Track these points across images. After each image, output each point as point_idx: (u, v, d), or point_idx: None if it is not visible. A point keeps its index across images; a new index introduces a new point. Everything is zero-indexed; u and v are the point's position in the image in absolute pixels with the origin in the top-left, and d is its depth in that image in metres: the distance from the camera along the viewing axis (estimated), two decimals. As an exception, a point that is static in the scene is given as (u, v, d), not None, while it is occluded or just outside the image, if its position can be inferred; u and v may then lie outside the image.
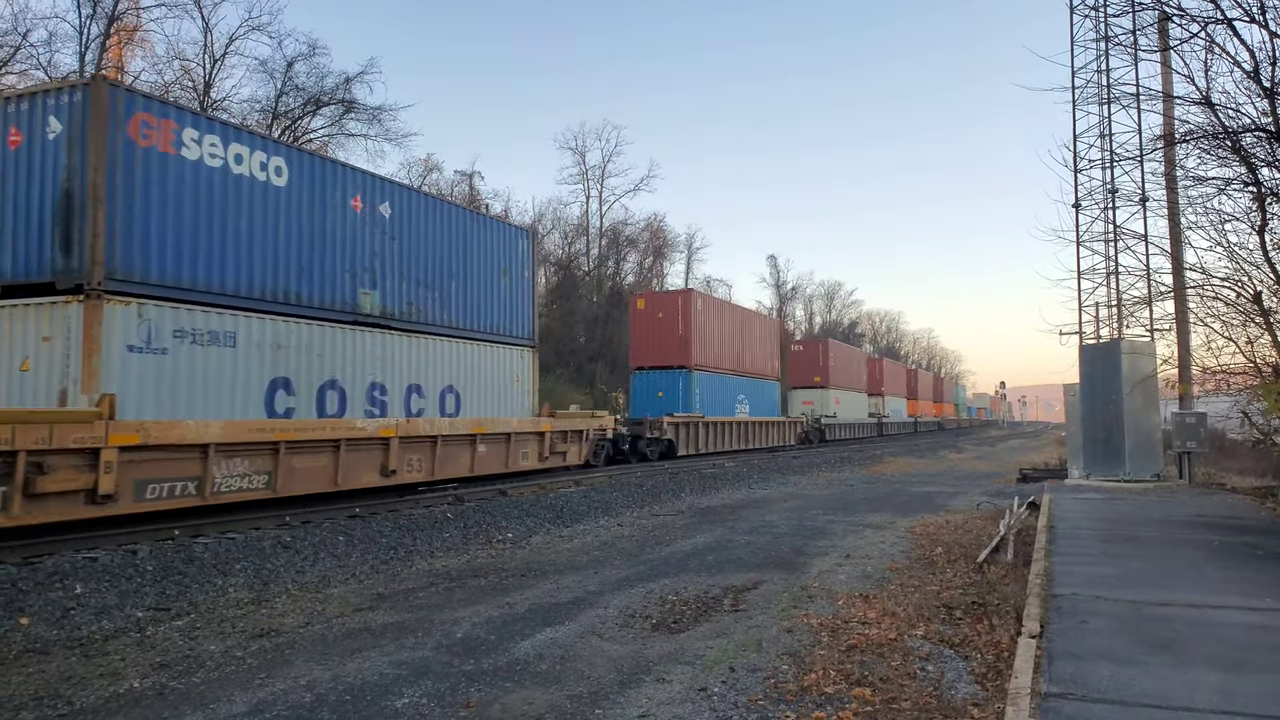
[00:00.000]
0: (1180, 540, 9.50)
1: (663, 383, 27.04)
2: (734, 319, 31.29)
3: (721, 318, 29.89)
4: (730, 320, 30.83)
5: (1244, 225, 13.24)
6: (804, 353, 44.84)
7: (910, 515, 14.05)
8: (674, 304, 27.57)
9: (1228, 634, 5.60)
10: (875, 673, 5.41)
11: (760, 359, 33.06)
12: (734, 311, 32.31)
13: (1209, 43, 10.80)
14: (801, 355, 44.60)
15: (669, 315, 27.48)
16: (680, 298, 27.81)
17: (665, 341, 27.25)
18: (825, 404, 42.44)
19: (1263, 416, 16.11)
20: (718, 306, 30.47)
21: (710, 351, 28.43)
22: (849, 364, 47.82)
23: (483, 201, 51.36)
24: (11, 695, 5.32)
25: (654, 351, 27.35)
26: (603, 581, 8.64)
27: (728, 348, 29.98)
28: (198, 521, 10.66)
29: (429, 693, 5.20)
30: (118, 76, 32.12)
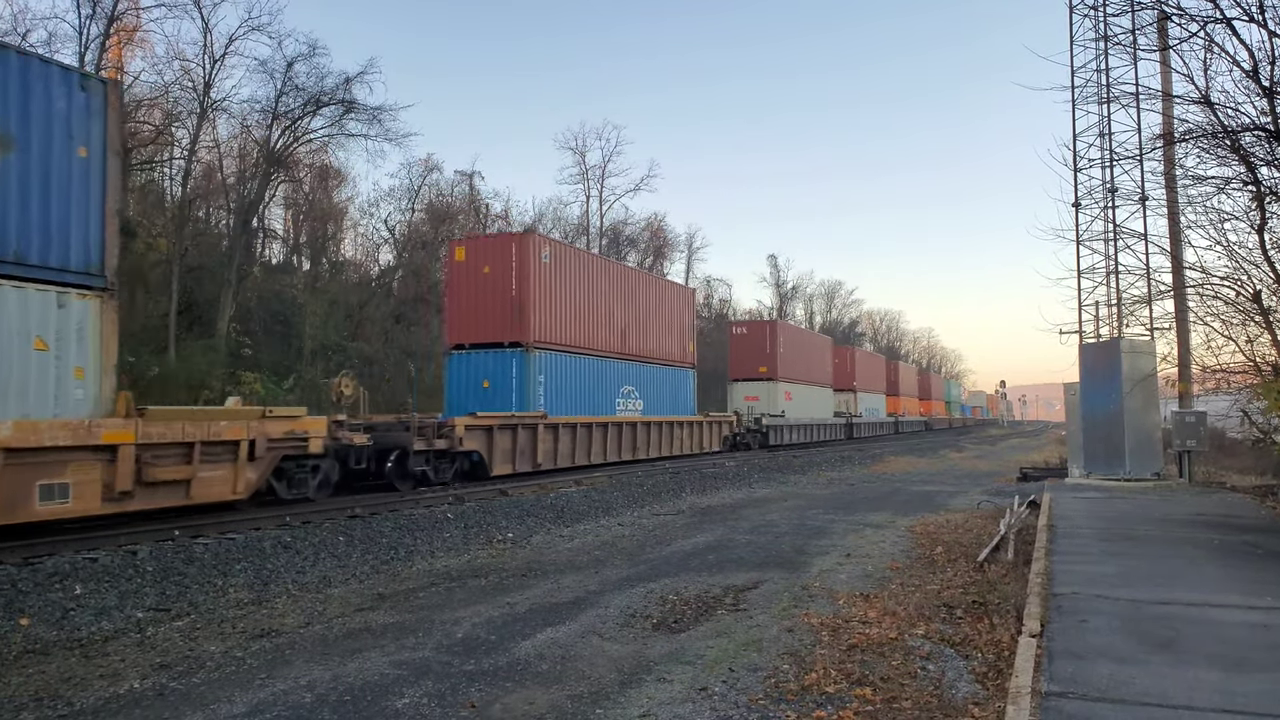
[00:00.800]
0: (1180, 539, 9.50)
1: (489, 367, 18.79)
2: (615, 281, 22.98)
3: (589, 277, 21.60)
4: (607, 282, 22.47)
5: (1243, 224, 13.26)
6: (747, 337, 36.61)
7: (911, 514, 14.05)
8: (506, 252, 18.91)
9: (1228, 633, 5.60)
10: (876, 672, 5.41)
11: (663, 339, 25.47)
12: (614, 272, 23.60)
13: (1208, 42, 10.81)
14: (745, 341, 36.56)
15: (499, 270, 18.71)
16: (515, 243, 19.19)
17: (492, 307, 18.88)
18: (772, 400, 34.91)
19: (1262, 415, 16.14)
20: (582, 261, 21.99)
21: (565, 323, 20.32)
22: (806, 353, 40.13)
23: (483, 201, 51.42)
24: (12, 696, 5.31)
25: (477, 323, 19.20)
26: (603, 581, 8.63)
27: (602, 320, 22.04)
28: (198, 522, 10.66)
29: (429, 693, 5.20)
30: (117, 77, 32.11)
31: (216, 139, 36.95)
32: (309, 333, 35.46)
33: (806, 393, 39.18)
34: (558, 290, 20.18)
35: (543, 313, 19.39)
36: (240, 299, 34.08)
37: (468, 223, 48.82)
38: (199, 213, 38.03)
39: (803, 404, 38.28)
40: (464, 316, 19.59)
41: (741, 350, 36.49)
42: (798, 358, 38.32)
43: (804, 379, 38.93)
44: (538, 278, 19.20)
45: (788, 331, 39.27)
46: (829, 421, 42.41)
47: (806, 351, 40.30)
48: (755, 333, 37.16)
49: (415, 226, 47.23)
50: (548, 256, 19.69)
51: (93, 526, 9.81)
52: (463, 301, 19.67)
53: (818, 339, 46.55)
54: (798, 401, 37.52)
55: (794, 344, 38.50)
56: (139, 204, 34.11)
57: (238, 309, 33.33)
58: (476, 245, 20.45)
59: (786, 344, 37.11)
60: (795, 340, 39.37)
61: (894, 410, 59.25)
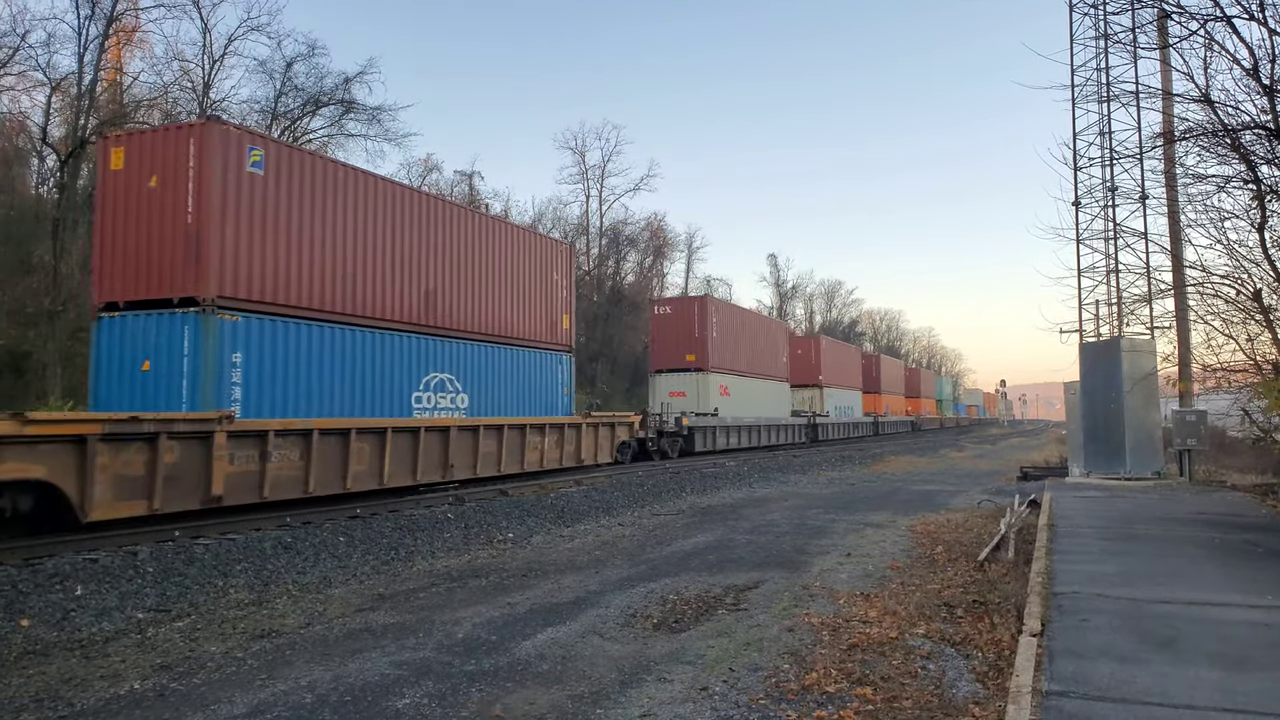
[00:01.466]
0: (1181, 538, 9.50)
1: (150, 339, 12.03)
2: (417, 219, 15.49)
3: (358, 206, 14.22)
4: (401, 217, 15.09)
5: (1243, 223, 13.26)
6: (671, 319, 29.37)
7: (911, 514, 14.05)
8: (181, 155, 11.90)
9: (1228, 631, 5.60)
10: (876, 671, 5.41)
11: (514, 308, 18.07)
12: (415, 206, 15.62)
13: (1208, 40, 10.81)
14: (669, 323, 29.37)
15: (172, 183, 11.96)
16: (194, 138, 11.86)
17: (157, 243, 12.10)
18: (702, 395, 28.40)
19: (1263, 414, 16.13)
20: (342, 181, 14.06)
21: (297, 272, 13.06)
22: (751, 339, 33.13)
23: (483, 201, 51.39)
24: (12, 697, 5.32)
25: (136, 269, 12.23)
26: (604, 581, 8.63)
27: (387, 272, 14.73)
28: (198, 523, 10.66)
29: (430, 693, 5.20)
30: (116, 78, 32.15)
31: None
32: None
33: (750, 387, 32.44)
34: (283, 220, 12.83)
35: (244, 252, 12.16)
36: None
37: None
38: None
39: (745, 400, 31.52)
40: (119, 258, 12.33)
41: (665, 335, 29.35)
42: (738, 344, 31.33)
43: (747, 370, 32.26)
44: (236, 196, 12.09)
45: (723, 311, 31.04)
46: (783, 422, 35.86)
47: (751, 337, 33.10)
48: (681, 313, 29.48)
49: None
50: (260, 163, 12.45)
51: (92, 526, 9.80)
52: (118, 235, 12.39)
53: (768, 323, 37.94)
54: (738, 398, 30.83)
55: (732, 327, 31.23)
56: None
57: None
58: (139, 144, 12.43)
59: (722, 326, 30.06)
60: (734, 322, 31.72)
61: (873, 409, 53.30)
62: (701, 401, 28.54)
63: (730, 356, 30.81)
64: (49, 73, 28.71)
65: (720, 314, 30.74)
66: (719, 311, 30.74)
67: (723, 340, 30.25)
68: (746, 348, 32.51)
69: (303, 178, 13.37)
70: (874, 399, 54.15)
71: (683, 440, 26.52)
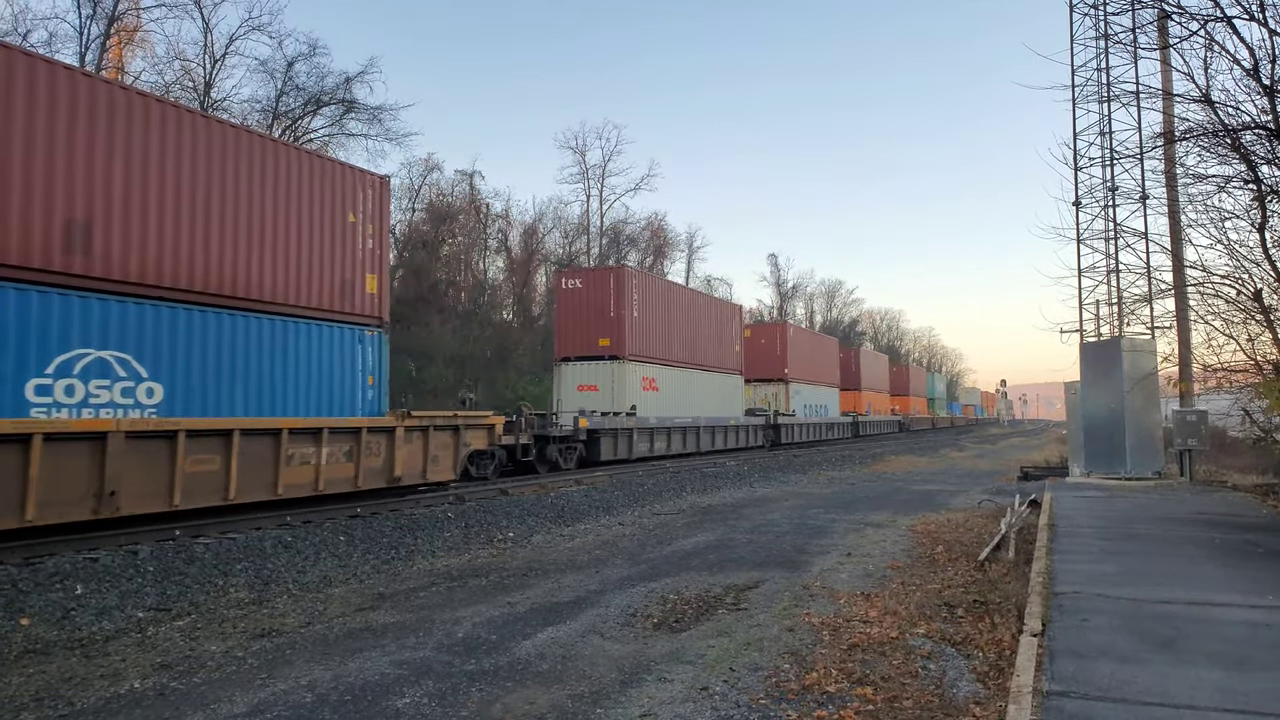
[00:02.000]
0: (1181, 538, 9.50)
1: None
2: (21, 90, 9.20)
3: None
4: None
5: (1244, 223, 13.25)
6: (581, 295, 24.03)
7: (911, 513, 14.04)
8: None
9: (1229, 632, 5.59)
10: (877, 671, 5.40)
11: (263, 260, 12.33)
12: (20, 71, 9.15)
13: (1208, 40, 10.80)
14: (579, 301, 24.03)
15: None
16: None
17: None
18: (618, 390, 23.11)
19: (1263, 414, 16.12)
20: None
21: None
22: (688, 322, 27.12)
23: (483, 200, 51.41)
24: (12, 696, 5.32)
25: None
26: (604, 581, 8.63)
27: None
28: (199, 522, 10.66)
29: (430, 693, 5.20)
30: (118, 77, 32.15)
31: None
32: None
33: (688, 381, 26.82)
34: None
35: None
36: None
37: (468, 222, 48.88)
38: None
39: (678, 397, 26.00)
40: None
41: (574, 315, 24.05)
42: (670, 328, 25.91)
43: (683, 360, 26.62)
44: None
45: (650, 287, 25.24)
46: (733, 423, 29.77)
47: (689, 320, 27.33)
48: (593, 287, 23.88)
49: (415, 226, 47.30)
50: None
51: (93, 526, 9.80)
52: None
53: (714, 305, 30.73)
54: (670, 393, 25.42)
55: (661, 307, 25.35)
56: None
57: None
58: None
59: (647, 305, 24.47)
60: (663, 301, 25.63)
61: (852, 408, 48.34)
62: (617, 397, 22.91)
63: (659, 342, 25.10)
64: (49, 72, 28.66)
65: (645, 289, 24.64)
66: (644, 287, 24.66)
67: (648, 322, 24.45)
68: (682, 333, 26.66)
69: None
70: (853, 396, 49.29)
71: (582, 447, 20.71)
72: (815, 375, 40.98)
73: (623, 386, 23.20)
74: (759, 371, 36.12)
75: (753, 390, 35.59)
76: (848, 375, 48.83)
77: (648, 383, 24.56)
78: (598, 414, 21.69)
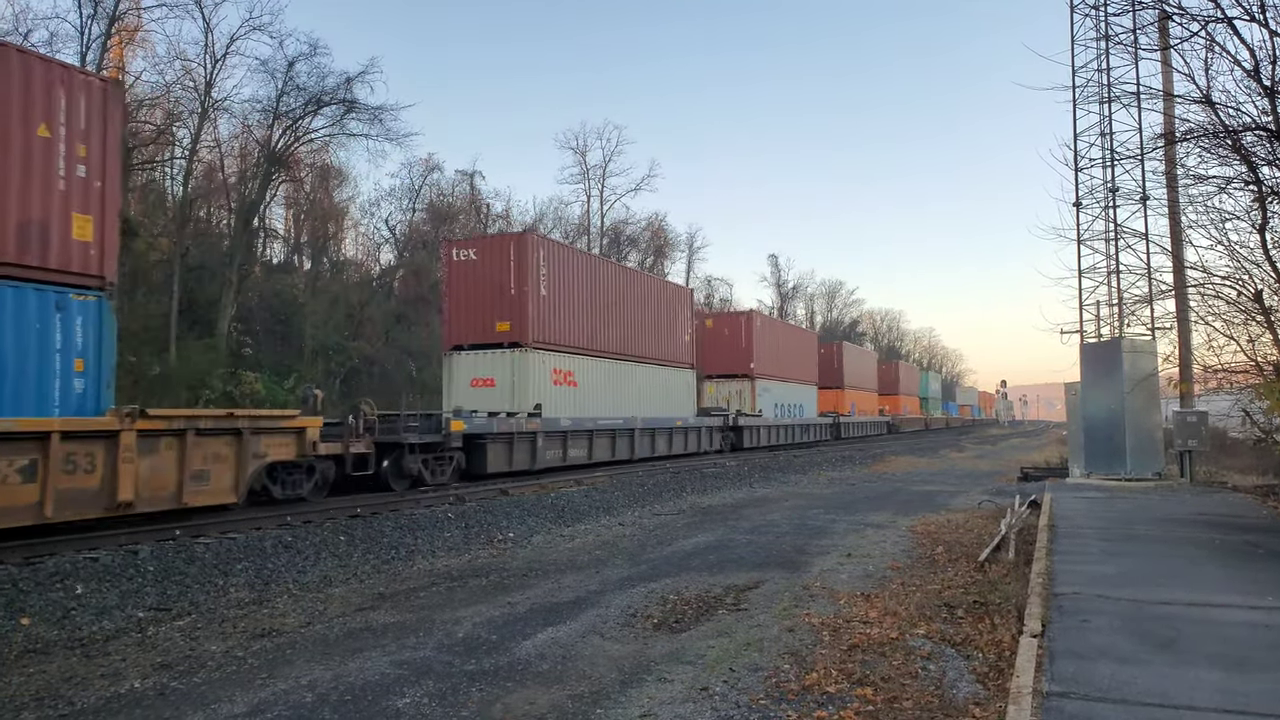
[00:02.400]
0: (1181, 539, 9.50)
1: None
2: None
3: None
4: None
5: (1244, 224, 13.26)
6: (477, 269, 19.52)
7: (911, 514, 14.04)
8: None
9: (1229, 632, 5.60)
10: (877, 672, 5.41)
11: None
12: None
13: (1209, 41, 10.81)
14: (473, 276, 19.55)
15: None
16: None
17: None
18: (522, 387, 18.69)
19: (1264, 415, 16.13)
20: None
21: None
22: (621, 306, 22.90)
23: (483, 201, 51.42)
24: (13, 696, 5.32)
25: None
26: (604, 581, 8.63)
27: None
28: (199, 522, 10.67)
29: (430, 693, 5.20)
30: (119, 76, 32.14)
31: (218, 139, 37.01)
32: (310, 332, 35.44)
33: (620, 375, 22.65)
34: None
35: None
36: (241, 299, 34.11)
37: (469, 222, 48.90)
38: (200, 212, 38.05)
39: (604, 394, 21.71)
40: None
41: (466, 292, 19.48)
42: (593, 311, 21.53)
43: (611, 350, 22.32)
44: None
45: (564, 259, 20.46)
46: (681, 424, 25.50)
47: (621, 303, 22.89)
48: (491, 257, 19.28)
49: (416, 226, 47.31)
50: None
51: (93, 526, 9.80)
52: None
53: (654, 286, 26.16)
54: (592, 389, 21.09)
55: (577, 283, 20.77)
56: (140, 204, 34.17)
57: (239, 308, 33.36)
58: None
59: (559, 281, 19.90)
60: (582, 277, 21.11)
61: (833, 408, 44.10)
62: (519, 394, 18.56)
63: (578, 328, 20.81)
64: (50, 72, 28.66)
65: (558, 262, 19.99)
66: (556, 259, 19.94)
67: (561, 302, 20.03)
68: (612, 318, 22.41)
69: None
70: (835, 395, 45.27)
71: (461, 455, 16.17)
72: (788, 371, 36.75)
73: (525, 381, 18.70)
74: (721, 366, 32.40)
75: (715, 388, 32.32)
76: (829, 372, 44.96)
77: (561, 376, 19.96)
78: (483, 415, 17.07)
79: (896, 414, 58.32)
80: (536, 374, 19.15)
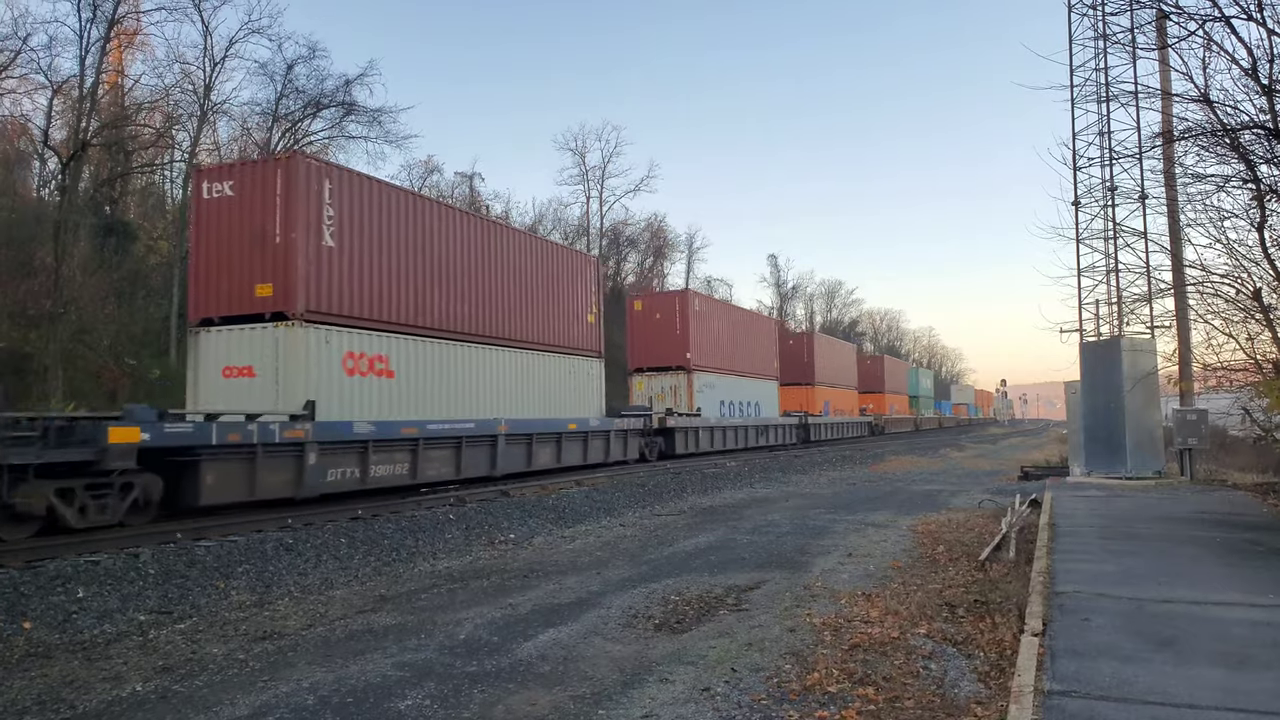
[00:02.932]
0: (1182, 537, 9.50)
1: None
2: None
3: None
4: None
5: (1243, 222, 13.26)
6: (230, 209, 13.58)
7: (912, 514, 14.05)
8: None
9: (1230, 631, 5.60)
10: (878, 671, 5.41)
11: None
12: None
13: (1207, 40, 10.81)
14: (223, 220, 13.68)
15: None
16: None
17: None
18: (290, 377, 13.05)
19: (1263, 413, 16.13)
20: None
21: None
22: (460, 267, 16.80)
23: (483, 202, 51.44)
24: (14, 699, 5.32)
25: None
26: (605, 582, 8.64)
27: None
28: (200, 524, 10.67)
29: (432, 694, 5.20)
30: (118, 80, 32.22)
31: (217, 141, 37.08)
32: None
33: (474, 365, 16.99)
34: None
35: None
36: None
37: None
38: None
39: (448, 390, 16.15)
40: None
41: (219, 247, 13.88)
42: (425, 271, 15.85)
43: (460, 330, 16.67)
44: None
45: (363, 194, 14.57)
46: (576, 427, 19.84)
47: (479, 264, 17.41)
48: (250, 195, 13.59)
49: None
50: None
51: (94, 528, 9.82)
52: None
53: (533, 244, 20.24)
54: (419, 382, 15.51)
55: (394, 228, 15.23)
56: (139, 206, 34.19)
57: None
58: None
59: (357, 225, 14.37)
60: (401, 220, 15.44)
61: (802, 406, 39.42)
62: (285, 389, 13.06)
63: (394, 297, 14.94)
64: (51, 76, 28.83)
65: (355, 199, 14.27)
66: (353, 195, 14.26)
67: (360, 258, 14.32)
68: (455, 285, 16.50)
69: None
70: (803, 393, 40.42)
71: (155, 482, 10.68)
72: (739, 364, 31.96)
73: (294, 369, 13.04)
74: (653, 357, 27.74)
75: (646, 383, 27.79)
76: (797, 366, 40.26)
77: (363, 363, 14.17)
78: (239, 417, 11.71)
79: (882, 414, 53.88)
80: (314, 359, 13.27)
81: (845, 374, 48.26)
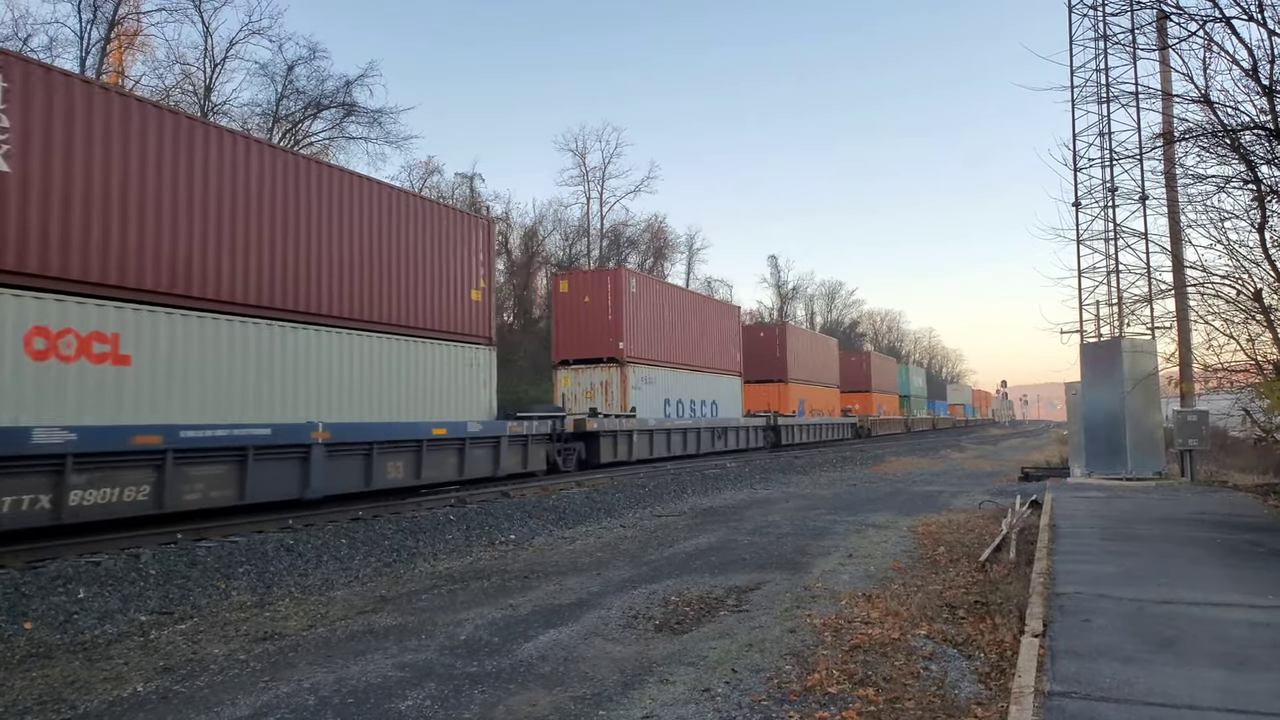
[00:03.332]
0: (1182, 538, 9.50)
1: None
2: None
3: None
4: None
5: (1244, 223, 13.28)
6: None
7: (912, 514, 14.04)
8: None
9: (1230, 632, 5.60)
10: (879, 672, 5.41)
11: None
12: None
13: (1207, 41, 10.82)
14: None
15: None
16: None
17: None
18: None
19: (1264, 414, 16.12)
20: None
21: None
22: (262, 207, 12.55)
23: (483, 203, 51.45)
24: (15, 700, 5.33)
25: None
26: (606, 583, 8.64)
27: None
28: (201, 525, 10.68)
29: (432, 695, 5.21)
30: (119, 81, 32.23)
31: (217, 142, 36.95)
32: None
33: (268, 348, 12.66)
34: None
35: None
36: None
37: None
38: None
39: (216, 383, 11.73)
40: None
41: None
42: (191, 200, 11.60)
43: (240, 301, 12.28)
44: None
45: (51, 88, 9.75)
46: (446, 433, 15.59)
47: (289, 210, 13.22)
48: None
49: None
50: None
51: (95, 528, 9.82)
52: None
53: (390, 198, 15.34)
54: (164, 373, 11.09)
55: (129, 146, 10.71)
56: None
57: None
58: None
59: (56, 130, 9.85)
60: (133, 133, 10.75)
61: (772, 406, 35.98)
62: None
63: (118, 246, 10.69)
64: (50, 76, 28.73)
65: (54, 97, 9.95)
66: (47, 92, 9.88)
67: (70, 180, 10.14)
68: (241, 235, 12.43)
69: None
70: (773, 391, 36.70)
71: None
72: (691, 356, 27.73)
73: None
74: (581, 348, 24.02)
75: (572, 378, 24.11)
76: (766, 362, 36.49)
77: (63, 345, 10.03)
78: None
79: (868, 414, 49.74)
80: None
81: (825, 371, 43.97)
